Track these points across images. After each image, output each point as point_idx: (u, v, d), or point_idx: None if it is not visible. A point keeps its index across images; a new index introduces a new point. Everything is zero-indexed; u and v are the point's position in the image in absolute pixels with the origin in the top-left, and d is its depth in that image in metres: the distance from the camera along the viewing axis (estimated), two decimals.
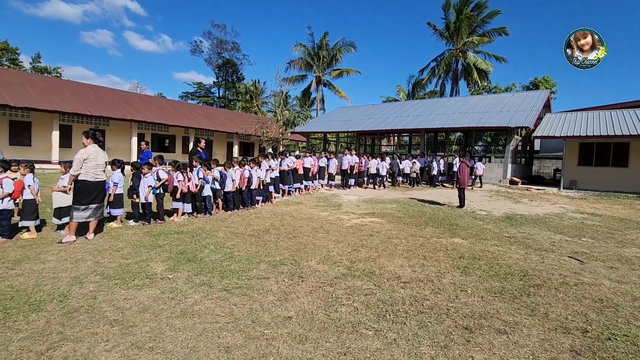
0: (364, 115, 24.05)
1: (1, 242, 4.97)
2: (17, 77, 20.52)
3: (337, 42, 35.97)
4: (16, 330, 2.74)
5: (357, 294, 3.64)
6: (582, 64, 13.96)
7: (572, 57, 13.76)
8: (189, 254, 4.76)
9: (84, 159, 5.18)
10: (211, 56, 51.79)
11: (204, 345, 2.63)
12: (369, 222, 7.38)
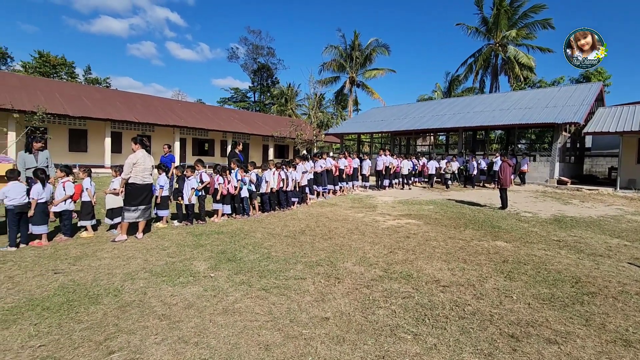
0: (399, 115, 23.62)
1: (64, 240, 5.45)
2: (75, 89, 22.41)
3: (369, 43, 35.63)
4: (78, 321, 3.00)
5: (394, 296, 3.59)
6: (582, 64, 13.51)
7: (572, 57, 13.32)
8: (228, 254, 4.94)
9: (133, 164, 5.55)
10: (247, 62, 53.38)
11: (245, 342, 2.72)
12: (405, 224, 7.24)
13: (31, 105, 16.06)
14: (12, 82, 19.11)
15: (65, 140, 19.10)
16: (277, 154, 29.62)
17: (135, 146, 5.71)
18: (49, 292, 3.54)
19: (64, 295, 3.48)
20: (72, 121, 18.92)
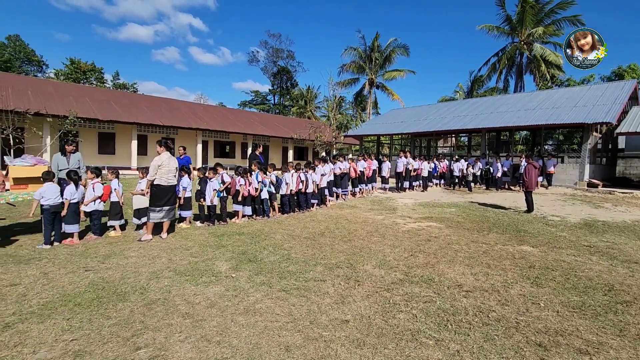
0: (419, 116, 23.29)
1: (94, 239, 5.69)
2: (104, 94, 23.38)
3: (389, 43, 35.36)
4: (107, 317, 3.12)
5: (415, 300, 3.54)
6: (582, 64, 13.25)
7: (572, 57, 13.15)
8: (249, 254, 5.01)
9: (158, 166, 5.73)
10: (267, 65, 54.09)
11: (266, 342, 2.75)
12: (426, 227, 7.12)
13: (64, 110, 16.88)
14: (47, 89, 20.13)
15: (94, 143, 19.94)
16: (296, 156, 29.81)
17: (160, 149, 5.89)
18: (80, 289, 3.70)
19: (94, 292, 3.63)
20: (102, 125, 19.74)
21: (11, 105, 14.94)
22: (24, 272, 4.16)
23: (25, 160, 5.98)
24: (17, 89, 18.09)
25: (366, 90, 37.80)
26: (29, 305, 3.29)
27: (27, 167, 5.77)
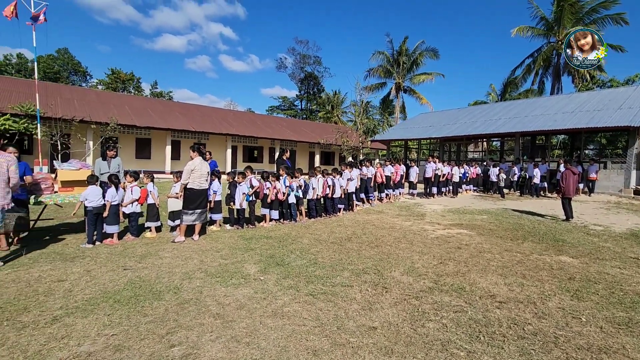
0: (448, 120, 22.75)
1: (131, 239, 5.99)
2: (141, 102, 24.65)
3: (417, 46, 34.84)
4: (144, 315, 3.27)
5: (445, 310, 3.45)
6: (582, 64, 13.06)
7: (572, 57, 12.98)
8: (277, 258, 5.09)
9: (191, 170, 5.96)
10: (294, 71, 54.95)
11: (294, 346, 2.78)
12: (456, 234, 6.92)
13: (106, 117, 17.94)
14: (91, 97, 21.50)
15: (132, 148, 21.01)
16: (323, 161, 29.94)
17: (193, 154, 6.13)
18: (119, 286, 3.91)
19: (132, 290, 3.82)
20: (139, 131, 20.78)
21: (59, 113, 16.08)
22: (70, 269, 4.45)
23: (72, 164, 6.41)
24: (65, 98, 19.45)
25: (393, 95, 37.40)
26: (74, 301, 3.52)
27: (73, 171, 6.18)
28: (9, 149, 5.05)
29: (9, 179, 4.51)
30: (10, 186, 4.54)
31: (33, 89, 13.78)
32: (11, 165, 4.52)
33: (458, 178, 14.19)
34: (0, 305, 3.35)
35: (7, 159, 4.53)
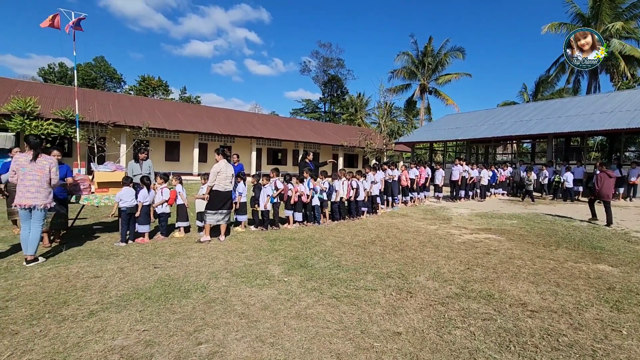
0: (476, 121, 22.10)
1: (161, 239, 6.22)
2: (170, 106, 25.58)
3: (442, 46, 34.16)
4: (172, 312, 3.38)
5: (473, 317, 3.34)
6: (582, 64, 12.84)
7: (572, 57, 12.79)
8: (300, 260, 5.12)
9: (217, 172, 6.12)
10: (318, 74, 55.25)
11: (317, 348, 2.78)
12: (484, 239, 6.70)
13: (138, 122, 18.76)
14: (124, 103, 22.54)
15: (162, 151, 21.82)
16: (346, 163, 29.87)
17: (218, 157, 6.29)
18: (150, 284, 4.06)
19: (162, 287, 3.96)
20: (168, 134, 21.56)
21: (96, 117, 16.97)
22: (105, 266, 4.68)
23: (107, 166, 6.74)
24: (101, 103, 20.51)
25: (418, 96, 36.83)
26: (109, 296, 3.69)
27: (108, 173, 6.50)
28: (53, 152, 5.39)
29: (50, 180, 4.81)
30: (50, 186, 4.84)
31: (73, 95, 14.64)
32: (52, 167, 4.82)
33: (487, 181, 13.75)
34: (43, 299, 3.57)
35: (49, 161, 4.83)
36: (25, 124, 14.60)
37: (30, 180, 4.64)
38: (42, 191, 4.70)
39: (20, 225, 4.81)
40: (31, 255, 4.67)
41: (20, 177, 4.65)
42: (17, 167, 4.68)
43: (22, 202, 4.61)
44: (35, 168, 4.68)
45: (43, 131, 14.87)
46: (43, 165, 4.74)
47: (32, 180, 4.64)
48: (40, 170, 4.70)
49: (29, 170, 4.65)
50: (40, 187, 4.69)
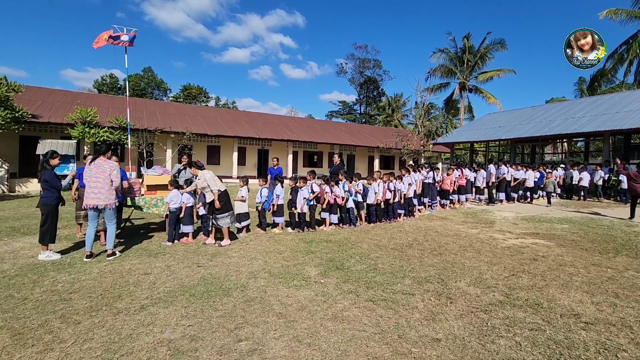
0: (521, 119, 20.90)
1: (204, 239, 6.52)
2: (211, 112, 26.76)
3: (483, 40, 32.69)
4: (215, 309, 3.54)
5: (519, 326, 3.17)
6: (582, 64, 12.95)
7: (572, 57, 12.95)
8: (337, 262, 5.14)
9: (213, 177, 6.11)
10: (354, 76, 55.11)
11: (354, 351, 2.78)
12: (531, 244, 6.32)
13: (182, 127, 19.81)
14: (170, 110, 23.91)
15: (204, 155, 22.85)
16: (382, 165, 29.47)
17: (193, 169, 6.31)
18: (194, 282, 4.28)
19: (204, 285, 4.16)
20: (210, 139, 22.55)
21: (145, 125, 18.17)
22: (153, 263, 5.00)
23: (155, 170, 7.20)
24: (150, 111, 21.92)
25: (457, 95, 35.50)
26: (157, 292, 3.94)
27: (156, 176, 6.94)
28: (113, 158, 5.89)
29: (112, 182, 5.26)
30: (113, 188, 5.30)
31: (125, 104, 15.80)
32: (113, 171, 5.29)
33: (533, 183, 12.95)
34: (101, 293, 3.89)
35: (110, 165, 5.30)
36: (85, 132, 15.97)
37: (94, 183, 5.13)
38: (104, 192, 5.17)
39: (88, 224, 5.30)
40: (111, 249, 5.28)
41: (86, 180, 5.21)
42: (85, 171, 5.26)
43: (89, 203, 5.13)
44: (98, 171, 5.16)
45: (100, 138, 16.18)
46: (105, 169, 5.21)
47: (96, 182, 5.13)
48: (102, 173, 5.18)
49: (93, 173, 5.14)
50: (103, 189, 5.17)
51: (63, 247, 5.78)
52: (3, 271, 4.55)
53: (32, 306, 3.51)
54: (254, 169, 24.41)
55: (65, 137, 16.68)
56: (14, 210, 9.75)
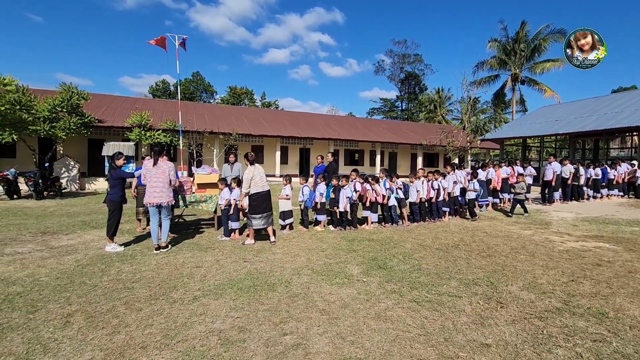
0: (581, 112, 19.16)
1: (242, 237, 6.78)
2: (255, 113, 27.65)
3: (539, 31, 30.28)
4: (260, 303, 3.68)
5: (579, 336, 2.94)
6: (582, 64, 13.07)
7: (572, 57, 13.12)
8: (379, 261, 5.10)
9: (250, 178, 5.98)
10: (393, 72, 53.91)
11: (398, 351, 2.76)
12: (594, 248, 5.80)
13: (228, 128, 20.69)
14: (217, 112, 25.07)
15: None
16: (426, 163, 28.58)
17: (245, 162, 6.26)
18: (241, 276, 4.48)
19: (251, 280, 4.34)
20: (253, 139, 23.32)
21: (195, 126, 19.25)
22: (204, 257, 5.31)
23: (204, 169, 7.62)
24: (198, 113, 23.16)
25: (508, 88, 33.34)
26: (208, 285, 4.18)
27: (206, 175, 7.35)
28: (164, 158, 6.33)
29: (170, 181, 5.71)
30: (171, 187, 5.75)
31: (176, 108, 16.86)
32: (171, 171, 5.75)
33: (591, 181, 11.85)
34: (158, 283, 4.21)
35: (169, 165, 5.73)
36: (141, 134, 17.29)
37: (155, 182, 5.58)
38: (165, 190, 5.63)
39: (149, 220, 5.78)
40: (164, 243, 5.69)
41: (147, 180, 5.67)
42: (146, 171, 5.71)
43: (150, 201, 5.57)
44: (159, 171, 5.60)
45: (155, 140, 17.43)
46: (164, 169, 5.65)
47: (156, 182, 5.58)
48: (162, 174, 5.62)
49: (154, 173, 5.58)
50: (163, 187, 5.62)
51: (125, 240, 6.33)
52: (77, 260, 5.09)
53: (101, 292, 3.89)
54: (296, 168, 24.84)
55: (125, 140, 18.17)
56: (84, 206, 10.83)
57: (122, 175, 5.89)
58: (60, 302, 3.61)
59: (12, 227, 7.40)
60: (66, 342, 2.84)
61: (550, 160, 11.51)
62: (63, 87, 16.10)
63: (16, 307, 3.50)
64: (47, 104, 14.90)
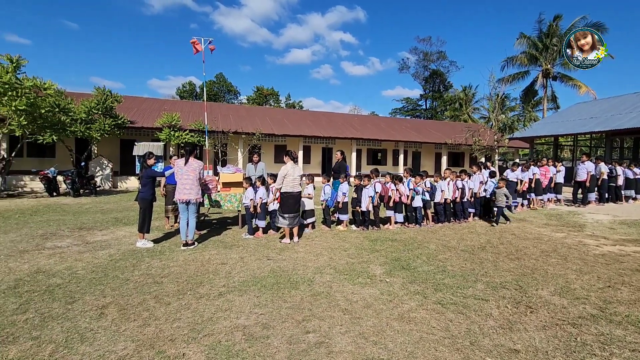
0: (619, 108, 18.10)
1: (273, 234, 6.88)
2: (278, 113, 27.96)
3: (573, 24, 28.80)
4: (283, 300, 3.73)
5: (616, 345, 2.80)
6: (582, 64, 13.09)
7: (572, 57, 13.21)
8: (402, 262, 5.04)
9: (284, 175, 6.21)
10: (418, 70, 52.95)
11: (422, 353, 2.72)
12: (634, 253, 5.48)
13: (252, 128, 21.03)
14: (241, 112, 25.54)
15: (272, 154, 23.98)
16: (451, 162, 27.90)
17: (286, 158, 6.38)
18: (264, 274, 4.56)
19: (274, 277, 4.41)
20: (277, 138, 23.59)
21: (220, 127, 19.70)
22: (229, 255, 5.44)
23: (229, 169, 7.79)
24: (223, 114, 23.68)
25: (539, 84, 31.96)
26: (233, 281, 4.28)
27: (230, 174, 7.51)
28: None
29: (200, 179, 5.93)
30: (199, 185, 5.95)
31: (202, 109, 17.31)
32: (201, 169, 5.99)
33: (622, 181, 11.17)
34: (186, 279, 4.35)
35: (198, 164, 5.93)
36: (170, 135, 17.90)
37: (185, 180, 5.78)
38: (194, 188, 5.82)
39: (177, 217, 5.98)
40: (191, 240, 5.85)
41: (178, 177, 5.89)
42: (177, 169, 5.95)
43: (180, 197, 5.78)
44: (189, 170, 5.80)
45: (183, 140, 17.99)
46: (194, 168, 5.85)
47: (187, 179, 5.78)
48: (192, 172, 5.82)
49: (184, 171, 5.78)
50: (193, 185, 5.82)
51: (155, 236, 6.57)
52: (110, 255, 5.35)
53: (132, 286, 4.07)
54: (319, 167, 24.90)
55: (154, 140, 18.85)
56: (117, 204, 11.34)
57: (154, 174, 6.14)
58: (95, 294, 3.81)
59: (52, 222, 7.87)
60: (101, 333, 3.00)
61: (583, 159, 10.95)
62: (98, 90, 16.93)
63: (56, 297, 3.72)
64: (83, 107, 15.74)
